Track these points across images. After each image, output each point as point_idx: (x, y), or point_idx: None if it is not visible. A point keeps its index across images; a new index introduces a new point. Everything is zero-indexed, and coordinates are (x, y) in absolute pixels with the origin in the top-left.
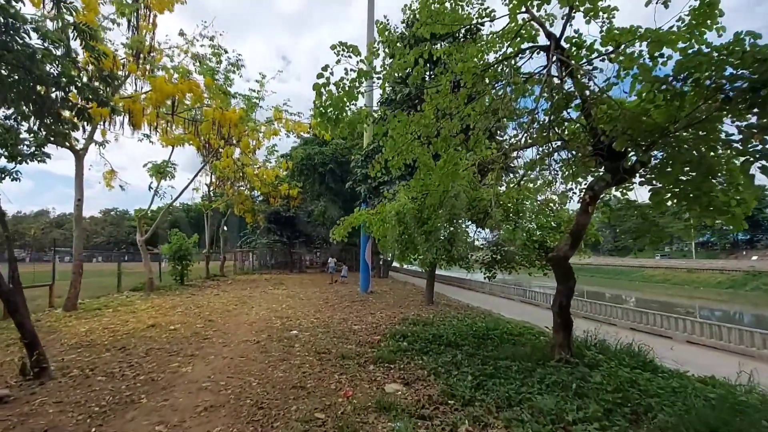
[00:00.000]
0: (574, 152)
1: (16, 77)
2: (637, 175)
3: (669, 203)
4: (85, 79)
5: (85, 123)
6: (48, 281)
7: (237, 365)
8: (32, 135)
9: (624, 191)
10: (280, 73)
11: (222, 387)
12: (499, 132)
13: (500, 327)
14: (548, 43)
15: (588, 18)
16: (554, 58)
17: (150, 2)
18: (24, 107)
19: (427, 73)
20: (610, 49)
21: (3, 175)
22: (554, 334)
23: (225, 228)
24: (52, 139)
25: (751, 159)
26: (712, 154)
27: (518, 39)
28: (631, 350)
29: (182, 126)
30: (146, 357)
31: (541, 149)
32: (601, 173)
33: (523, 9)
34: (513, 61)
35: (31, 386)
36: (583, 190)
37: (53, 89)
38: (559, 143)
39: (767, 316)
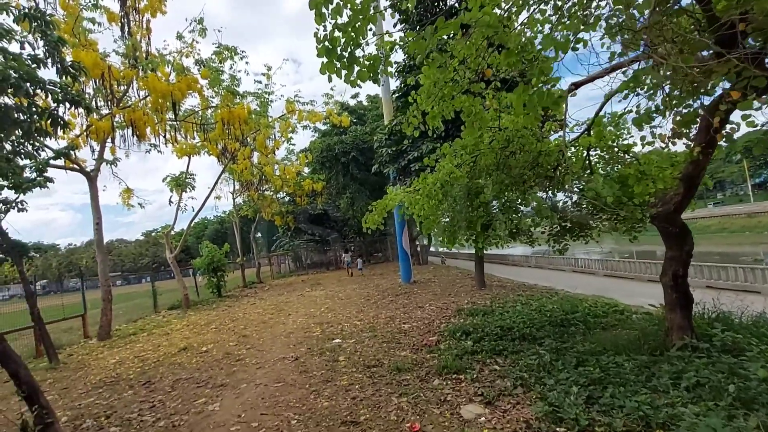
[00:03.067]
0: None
1: None
2: None
3: None
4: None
5: (61, 130)
6: (81, 312)
7: (272, 395)
8: (32, 160)
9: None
10: (286, 62)
11: (254, 430)
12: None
13: (579, 308)
14: None
15: None
16: None
17: (139, 5)
18: None
19: None
20: None
21: (7, 207)
22: (668, 314)
23: (259, 234)
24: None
25: None
26: None
27: None
28: (763, 320)
29: (196, 133)
30: (171, 392)
31: (634, 67)
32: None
33: None
34: None
35: None
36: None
37: (10, 90)
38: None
39: None
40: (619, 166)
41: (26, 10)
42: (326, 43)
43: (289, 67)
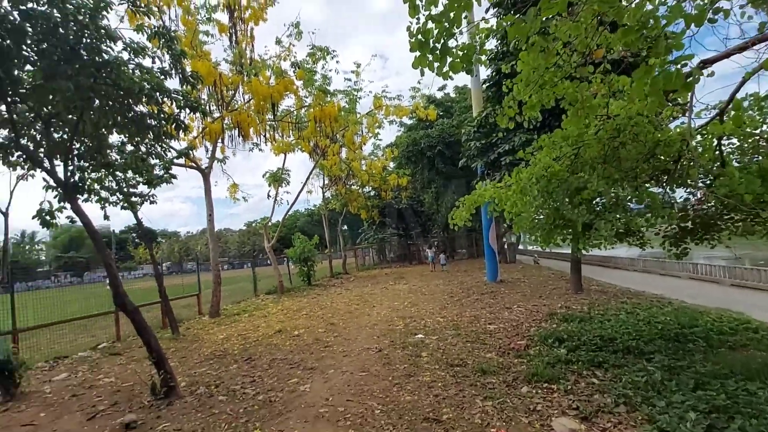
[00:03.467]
0: None
1: (104, 93)
2: None
3: None
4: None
5: (182, 133)
6: (196, 291)
7: (357, 383)
8: (160, 160)
9: None
10: (374, 57)
11: (340, 415)
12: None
13: (699, 322)
14: None
15: None
16: None
17: (244, 15)
18: (125, 128)
19: None
20: None
21: (142, 200)
22: None
23: (345, 227)
24: (176, 159)
25: None
26: None
27: None
28: None
29: (290, 131)
30: (268, 369)
31: None
32: None
33: None
34: None
35: (159, 407)
36: None
37: (144, 100)
38: None
39: None
40: (761, 158)
41: (156, 29)
42: (419, 37)
43: (376, 63)
